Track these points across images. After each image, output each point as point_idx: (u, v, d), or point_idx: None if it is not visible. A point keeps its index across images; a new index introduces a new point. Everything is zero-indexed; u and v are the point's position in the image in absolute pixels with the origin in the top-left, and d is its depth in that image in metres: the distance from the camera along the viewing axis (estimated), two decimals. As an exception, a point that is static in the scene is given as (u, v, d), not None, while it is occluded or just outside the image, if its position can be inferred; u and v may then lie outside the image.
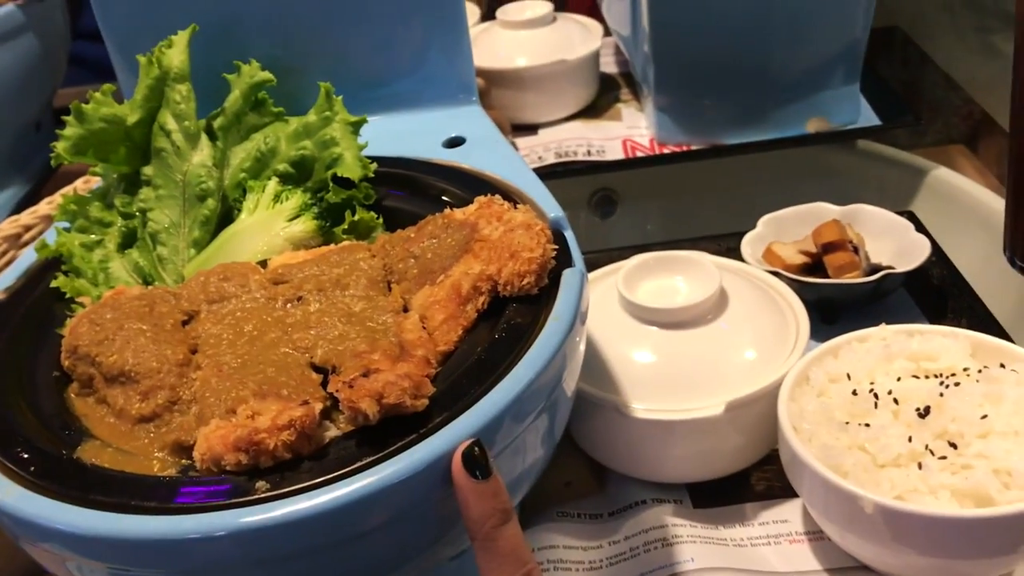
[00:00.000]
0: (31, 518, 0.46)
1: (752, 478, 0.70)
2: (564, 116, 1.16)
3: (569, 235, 0.59)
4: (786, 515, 0.67)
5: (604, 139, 1.11)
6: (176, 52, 0.67)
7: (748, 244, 0.84)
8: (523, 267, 0.54)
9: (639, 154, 1.08)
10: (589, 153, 1.09)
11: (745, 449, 0.68)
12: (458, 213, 0.60)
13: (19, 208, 1.10)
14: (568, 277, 0.55)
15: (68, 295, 0.62)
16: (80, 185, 0.91)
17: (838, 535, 0.61)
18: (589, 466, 0.73)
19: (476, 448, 0.45)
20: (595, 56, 1.16)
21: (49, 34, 1.16)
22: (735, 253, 0.83)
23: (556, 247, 0.56)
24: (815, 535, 0.65)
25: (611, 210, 1.20)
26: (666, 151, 1.07)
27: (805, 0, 0.98)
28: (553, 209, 0.61)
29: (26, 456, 0.49)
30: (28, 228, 0.92)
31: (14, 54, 1.09)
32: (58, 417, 0.53)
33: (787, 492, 0.68)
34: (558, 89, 1.14)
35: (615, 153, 1.09)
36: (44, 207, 0.93)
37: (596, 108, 1.18)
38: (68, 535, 0.45)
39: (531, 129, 1.15)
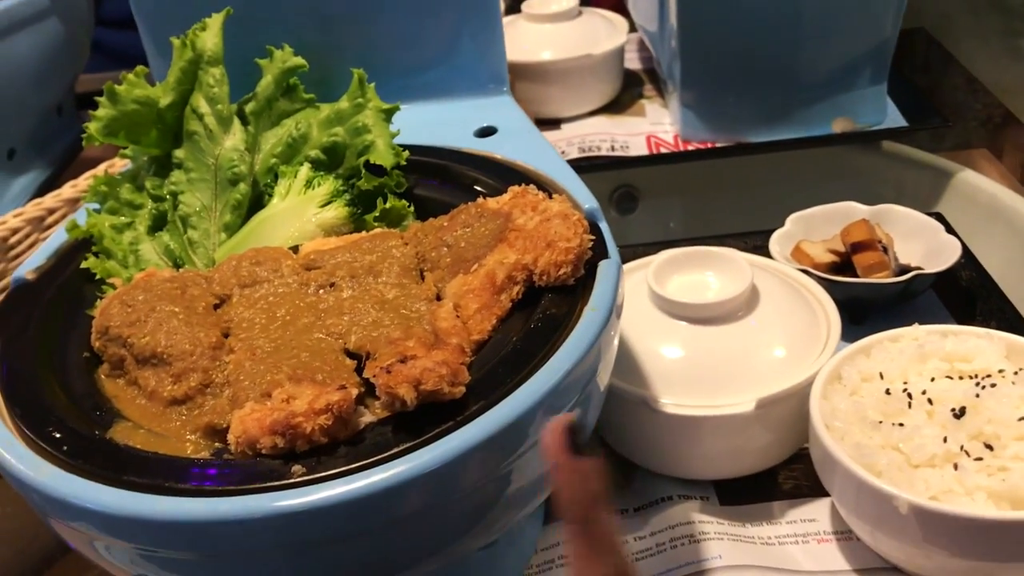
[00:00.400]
0: (64, 497, 0.46)
1: (780, 476, 0.70)
2: (588, 111, 1.15)
3: (604, 226, 0.59)
4: (814, 514, 0.66)
5: (628, 135, 1.11)
6: (210, 35, 0.66)
7: (776, 242, 0.83)
8: (560, 257, 0.54)
9: (663, 150, 1.08)
10: (613, 148, 1.09)
11: (773, 447, 0.68)
12: (492, 202, 0.60)
13: (40, 192, 1.10)
14: (604, 268, 0.55)
15: (98, 276, 0.61)
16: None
17: (869, 535, 0.61)
18: (615, 461, 0.73)
19: (575, 425, 0.43)
20: (620, 51, 1.16)
21: (73, 19, 1.16)
22: (760, 251, 0.82)
23: (593, 237, 0.55)
24: (844, 535, 0.64)
25: (631, 207, 1.20)
26: (690, 148, 1.07)
27: (835, -2, 0.98)
28: (587, 200, 0.60)
29: (59, 436, 0.49)
30: (51, 211, 0.92)
31: (38, 38, 1.09)
32: (89, 398, 0.53)
33: (815, 491, 0.67)
34: (582, 84, 1.14)
35: (639, 149, 1.08)
36: (68, 191, 0.93)
37: (620, 104, 1.17)
38: (101, 515, 0.45)
39: (554, 123, 1.14)
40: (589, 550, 0.42)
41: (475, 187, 0.65)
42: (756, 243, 0.89)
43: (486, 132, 0.71)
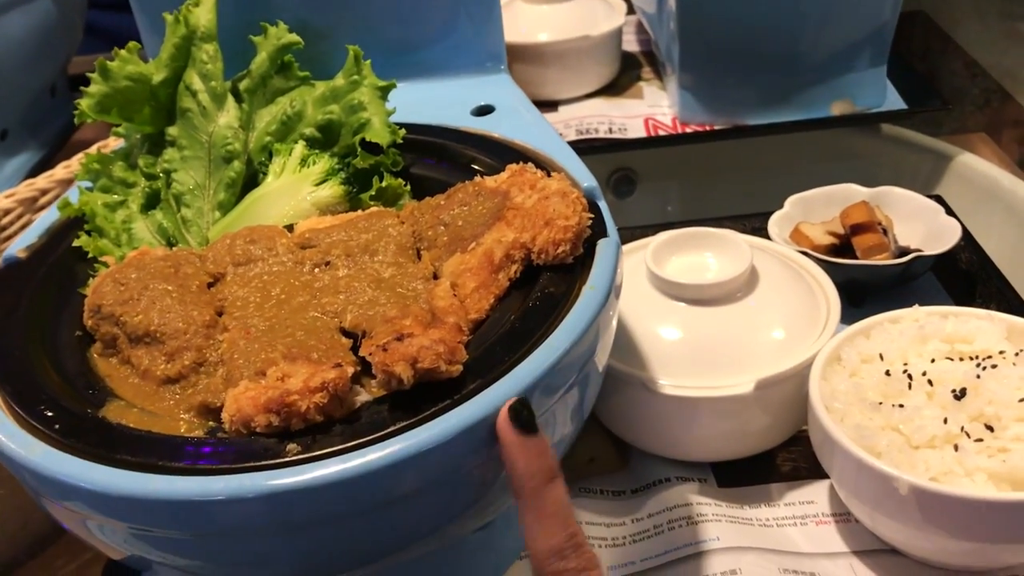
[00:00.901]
0: (56, 476, 0.45)
1: (778, 458, 0.69)
2: (585, 93, 1.14)
3: (602, 205, 0.58)
4: (813, 496, 0.66)
5: (625, 117, 1.10)
6: (204, 11, 0.65)
7: (775, 224, 0.82)
8: (558, 235, 0.53)
9: (661, 133, 1.07)
10: (611, 131, 1.08)
11: (772, 429, 0.67)
12: (489, 181, 0.59)
13: (33, 173, 1.09)
14: (603, 247, 0.54)
15: (90, 255, 0.61)
16: (97, 149, 0.90)
17: (868, 517, 0.60)
18: (612, 443, 0.72)
19: (523, 404, 0.44)
20: (618, 33, 1.15)
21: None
22: (759, 233, 0.82)
23: (592, 216, 0.55)
24: (842, 517, 0.64)
25: (629, 190, 1.19)
26: (689, 130, 1.06)
27: (835, -21, 0.97)
28: (586, 178, 0.60)
29: (51, 414, 0.48)
30: (44, 192, 0.91)
31: (32, 17, 1.08)
32: (82, 377, 0.52)
33: (813, 473, 0.67)
34: (580, 65, 1.13)
35: (637, 131, 1.07)
36: (60, 171, 0.92)
37: (617, 86, 1.16)
38: (94, 494, 0.44)
39: (552, 105, 1.13)
40: (542, 523, 0.43)
41: (472, 166, 0.64)
42: (755, 225, 0.89)
43: (484, 110, 0.71)
